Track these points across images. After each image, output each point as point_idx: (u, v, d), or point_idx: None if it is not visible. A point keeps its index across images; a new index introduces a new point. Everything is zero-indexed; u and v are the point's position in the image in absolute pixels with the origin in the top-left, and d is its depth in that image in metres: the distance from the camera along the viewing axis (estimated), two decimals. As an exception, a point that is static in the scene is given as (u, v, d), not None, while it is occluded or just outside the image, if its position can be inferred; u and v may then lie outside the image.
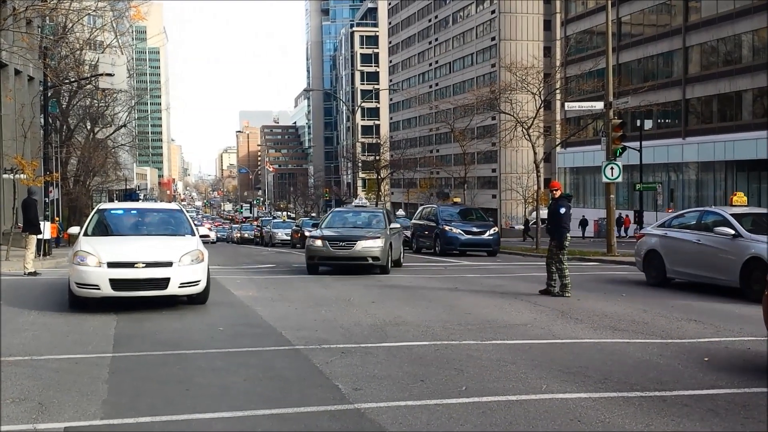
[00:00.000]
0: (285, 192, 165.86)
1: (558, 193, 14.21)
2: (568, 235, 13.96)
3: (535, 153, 33.65)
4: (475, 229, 27.92)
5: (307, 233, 27.64)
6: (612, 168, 26.06)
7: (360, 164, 76.34)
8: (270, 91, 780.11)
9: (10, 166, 28.14)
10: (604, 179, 26.57)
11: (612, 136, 26.49)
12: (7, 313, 11.54)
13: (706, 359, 8.04)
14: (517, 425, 5.68)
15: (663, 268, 15.30)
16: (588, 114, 44.72)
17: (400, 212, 58.60)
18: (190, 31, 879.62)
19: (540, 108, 35.04)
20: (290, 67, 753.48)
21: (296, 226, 44.42)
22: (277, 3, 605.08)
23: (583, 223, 55.76)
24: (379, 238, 18.49)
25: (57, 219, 43.36)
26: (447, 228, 27.64)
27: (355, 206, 22.47)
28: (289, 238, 44.68)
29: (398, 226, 22.13)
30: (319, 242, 18.60)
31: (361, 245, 18.19)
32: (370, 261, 18.26)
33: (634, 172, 50.06)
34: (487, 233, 28.05)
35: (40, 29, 33.32)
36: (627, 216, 54.21)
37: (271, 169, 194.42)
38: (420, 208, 34.02)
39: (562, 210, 13.85)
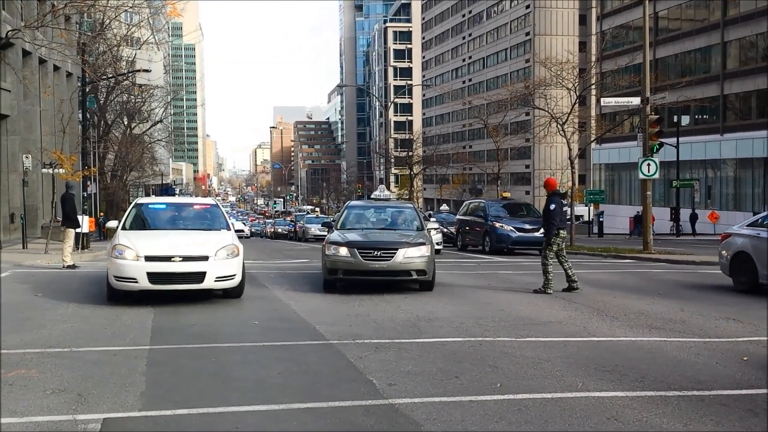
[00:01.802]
0: (318, 187, 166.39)
1: (548, 190, 14.29)
2: (561, 231, 13.96)
3: (569, 149, 33.33)
4: (527, 227, 25.90)
5: None
6: (648, 164, 25.71)
7: (392, 160, 76.33)
8: (303, 87, 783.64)
9: (49, 161, 28.59)
10: (641, 176, 26.21)
11: (649, 132, 26.13)
12: (47, 305, 11.78)
13: (744, 358, 7.91)
14: (553, 423, 5.64)
15: (755, 273, 13.61)
16: (624, 110, 44.17)
17: (444, 207, 57.95)
18: (225, 27, 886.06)
19: (575, 104, 34.74)
20: (323, 63, 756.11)
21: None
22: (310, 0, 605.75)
23: (637, 219, 54.64)
24: (423, 244, 13.82)
25: (101, 214, 44.02)
26: (498, 225, 26.09)
27: (375, 198, 17.76)
28: (323, 233, 44.89)
29: (436, 225, 20.01)
30: (344, 250, 13.54)
31: (403, 255, 13.43)
32: (414, 276, 13.62)
33: (671, 168, 49.40)
34: (541, 231, 25.66)
35: (78, 26, 33.82)
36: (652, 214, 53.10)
37: (301, 166, 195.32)
38: (466, 203, 32.03)
39: (552, 206, 13.90)
